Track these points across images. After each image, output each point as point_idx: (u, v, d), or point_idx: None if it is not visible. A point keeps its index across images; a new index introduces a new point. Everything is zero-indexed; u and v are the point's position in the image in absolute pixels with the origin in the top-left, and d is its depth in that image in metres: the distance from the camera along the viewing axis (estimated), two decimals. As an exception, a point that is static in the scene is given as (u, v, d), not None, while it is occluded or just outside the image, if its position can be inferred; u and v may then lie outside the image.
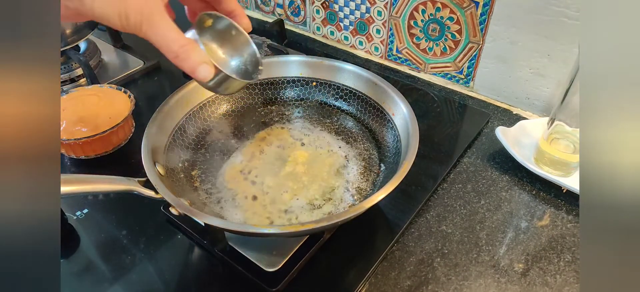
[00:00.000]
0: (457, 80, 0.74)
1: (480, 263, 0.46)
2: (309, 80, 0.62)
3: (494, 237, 0.49)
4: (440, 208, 0.52)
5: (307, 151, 0.56)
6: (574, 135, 0.53)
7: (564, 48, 0.60)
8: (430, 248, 0.48)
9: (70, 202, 0.52)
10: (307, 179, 0.52)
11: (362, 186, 0.52)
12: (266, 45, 0.80)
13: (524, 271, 0.45)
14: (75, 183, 0.41)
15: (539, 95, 0.66)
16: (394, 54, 0.79)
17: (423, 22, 0.72)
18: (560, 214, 0.52)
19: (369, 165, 0.54)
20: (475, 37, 0.68)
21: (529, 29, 0.62)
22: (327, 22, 0.85)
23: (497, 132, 0.58)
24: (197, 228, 0.48)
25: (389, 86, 0.56)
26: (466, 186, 0.55)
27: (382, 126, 0.56)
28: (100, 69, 0.78)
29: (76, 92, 0.61)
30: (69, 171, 0.58)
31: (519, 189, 0.55)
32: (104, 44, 0.84)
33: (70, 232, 0.49)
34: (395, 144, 0.53)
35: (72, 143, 0.55)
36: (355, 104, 0.60)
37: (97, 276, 0.45)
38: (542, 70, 0.64)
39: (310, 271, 0.45)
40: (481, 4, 0.64)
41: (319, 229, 0.42)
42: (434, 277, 0.45)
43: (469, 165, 0.58)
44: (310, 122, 0.61)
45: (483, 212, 0.52)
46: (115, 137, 0.58)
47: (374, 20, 0.78)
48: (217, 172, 0.53)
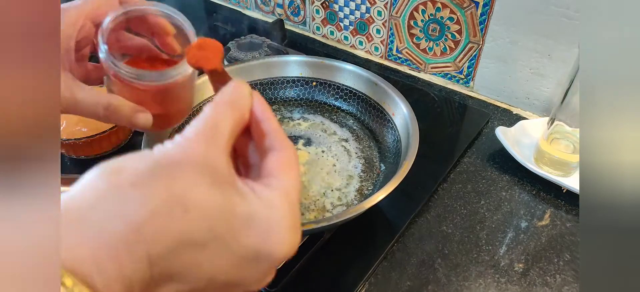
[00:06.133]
0: (457, 80, 0.74)
1: (480, 263, 0.46)
2: (309, 80, 0.62)
3: (494, 237, 0.49)
4: (440, 208, 0.52)
5: (307, 151, 0.56)
6: (574, 135, 0.53)
7: (564, 48, 0.60)
8: (430, 248, 0.48)
9: (70, 202, 0.52)
10: (307, 180, 0.52)
11: (362, 186, 0.52)
12: (266, 45, 0.80)
13: (524, 271, 0.45)
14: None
15: (539, 95, 0.66)
16: (394, 54, 0.79)
17: (423, 22, 0.72)
18: (560, 214, 0.52)
19: (369, 165, 0.54)
20: (475, 37, 0.68)
21: (529, 29, 0.62)
22: (327, 22, 0.85)
23: (497, 132, 0.58)
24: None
25: (389, 86, 0.56)
26: (466, 186, 0.55)
27: (382, 126, 0.56)
28: (100, 69, 0.77)
29: (76, 92, 0.61)
30: (69, 171, 0.58)
31: (519, 189, 0.55)
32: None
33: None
34: (395, 144, 0.53)
35: (72, 143, 0.55)
36: (355, 104, 0.60)
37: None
38: (542, 70, 0.64)
39: (310, 271, 0.45)
40: (481, 4, 0.64)
41: (319, 229, 0.42)
42: (435, 278, 0.45)
43: (469, 165, 0.58)
44: (310, 122, 0.61)
45: (483, 212, 0.52)
46: (115, 137, 0.58)
47: (374, 20, 0.78)
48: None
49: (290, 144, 0.25)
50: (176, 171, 0.20)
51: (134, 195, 0.19)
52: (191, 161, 0.20)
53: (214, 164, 0.21)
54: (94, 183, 0.19)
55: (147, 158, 0.20)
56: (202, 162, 0.21)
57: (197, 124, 0.23)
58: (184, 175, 0.20)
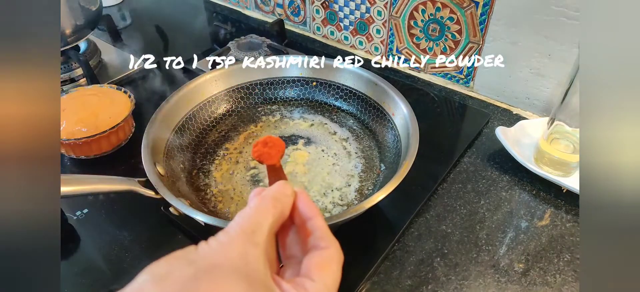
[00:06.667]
0: (457, 80, 0.74)
1: (480, 263, 0.46)
2: (309, 80, 0.62)
3: (494, 237, 0.49)
4: (440, 208, 0.52)
5: (308, 151, 0.56)
6: (574, 135, 0.53)
7: (564, 48, 0.60)
8: (430, 248, 0.48)
9: (70, 202, 0.52)
10: (307, 179, 0.52)
11: (362, 186, 0.52)
12: (266, 45, 0.80)
13: (524, 270, 0.45)
14: (75, 183, 0.41)
15: (539, 95, 0.66)
16: (394, 53, 0.79)
17: (423, 22, 0.72)
18: (560, 214, 0.52)
19: (369, 165, 0.54)
20: (475, 37, 0.68)
21: (529, 29, 0.62)
22: (327, 22, 0.85)
23: (497, 132, 0.58)
24: (197, 228, 0.48)
25: (389, 86, 0.56)
26: (466, 186, 0.55)
27: (382, 126, 0.56)
28: (100, 69, 0.78)
29: (76, 92, 0.61)
30: (69, 171, 0.58)
31: (519, 189, 0.55)
32: (104, 44, 0.84)
33: (70, 232, 0.49)
34: (395, 144, 0.53)
35: (72, 143, 0.55)
36: (355, 104, 0.60)
37: (97, 276, 0.45)
38: (542, 70, 0.64)
39: (310, 271, 0.45)
40: (481, 4, 0.64)
41: (319, 229, 0.42)
42: (434, 277, 0.45)
43: (469, 165, 0.58)
44: (310, 122, 0.61)
45: (483, 212, 0.52)
46: (115, 137, 0.58)
47: (374, 20, 0.78)
48: (217, 172, 0.53)
49: (334, 241, 0.27)
50: (217, 276, 0.22)
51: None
52: (230, 264, 0.23)
53: (252, 266, 0.23)
54: (143, 288, 0.22)
55: (191, 265, 0.22)
56: (241, 265, 0.23)
57: (241, 221, 0.25)
58: (223, 280, 0.22)
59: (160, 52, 0.84)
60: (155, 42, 0.89)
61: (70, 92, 0.61)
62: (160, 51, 0.85)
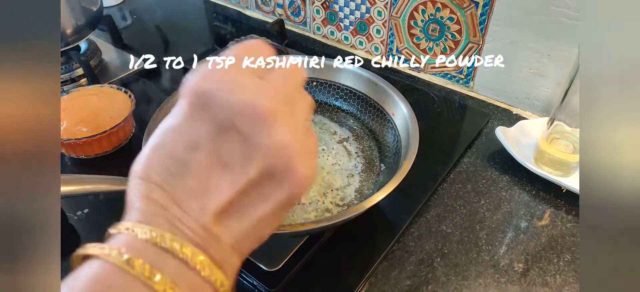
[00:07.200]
0: (457, 80, 0.74)
1: (480, 263, 0.46)
2: (309, 80, 0.62)
3: (494, 237, 0.49)
4: (440, 208, 0.52)
5: (307, 151, 0.56)
6: (573, 135, 0.53)
7: (564, 48, 0.60)
8: (430, 248, 0.48)
9: (70, 202, 0.52)
10: (307, 179, 0.52)
11: (362, 185, 0.52)
12: (266, 45, 0.80)
13: (523, 270, 0.45)
14: (75, 183, 0.41)
15: (538, 95, 0.66)
16: (394, 53, 0.79)
17: (423, 22, 0.72)
18: (560, 214, 0.52)
19: (369, 165, 0.54)
20: (475, 37, 0.68)
21: (529, 29, 0.62)
22: (327, 22, 0.85)
23: (497, 132, 0.58)
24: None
25: (389, 86, 0.56)
26: (466, 186, 0.55)
27: (382, 126, 0.56)
28: (100, 69, 0.78)
29: (76, 92, 0.61)
30: (69, 170, 0.58)
31: (518, 189, 0.55)
32: (104, 44, 0.84)
33: (71, 232, 0.49)
34: (395, 144, 0.53)
35: (72, 143, 0.55)
36: (355, 104, 0.60)
37: (97, 275, 0.45)
38: (542, 70, 0.64)
39: (310, 271, 0.45)
40: (481, 4, 0.64)
41: (318, 229, 0.42)
42: (434, 277, 0.45)
43: (469, 165, 0.58)
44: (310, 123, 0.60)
45: (483, 212, 0.52)
46: (115, 137, 0.58)
47: (374, 20, 0.78)
48: (217, 172, 0.53)
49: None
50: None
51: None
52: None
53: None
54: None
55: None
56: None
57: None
58: None
59: (161, 52, 0.84)
60: (155, 42, 0.89)
61: (70, 92, 0.61)
62: (161, 51, 0.85)
